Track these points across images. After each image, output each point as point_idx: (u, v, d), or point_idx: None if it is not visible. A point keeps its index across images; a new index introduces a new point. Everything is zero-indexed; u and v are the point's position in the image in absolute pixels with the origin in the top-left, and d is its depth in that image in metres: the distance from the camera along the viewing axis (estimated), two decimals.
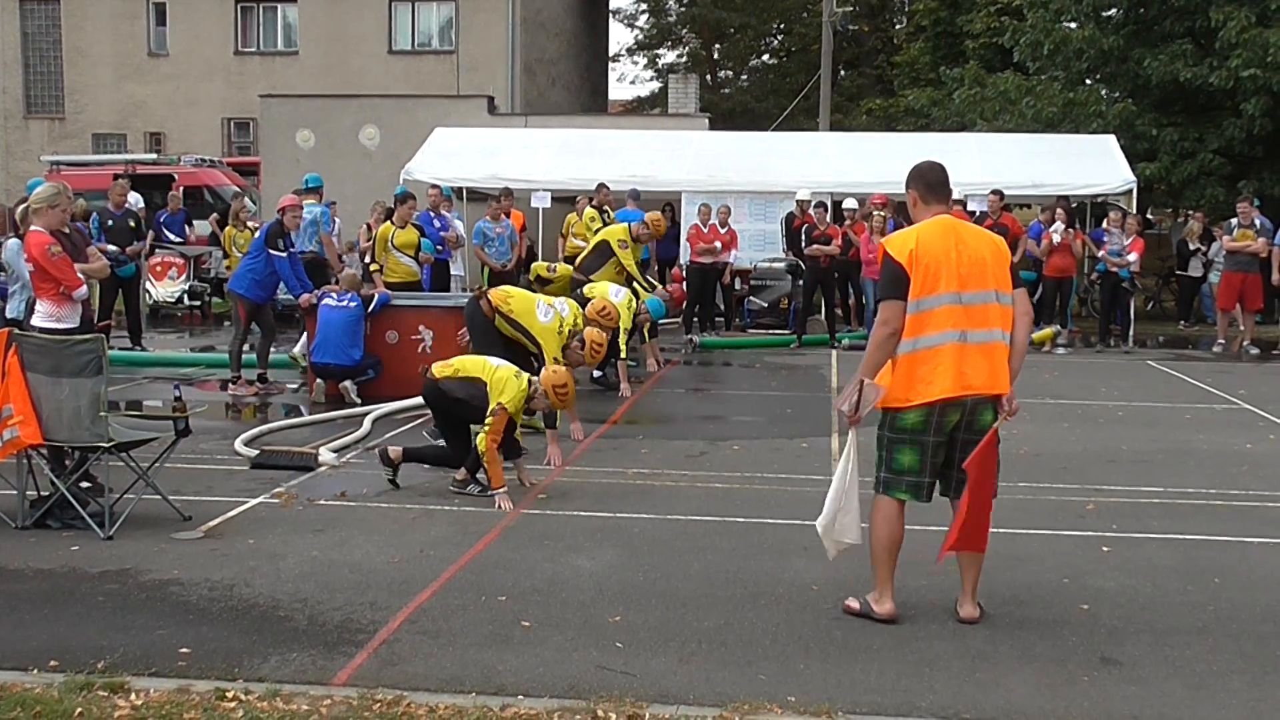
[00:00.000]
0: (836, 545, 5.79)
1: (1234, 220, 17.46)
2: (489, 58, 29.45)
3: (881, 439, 5.59)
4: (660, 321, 14.46)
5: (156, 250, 18.99)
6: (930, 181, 5.68)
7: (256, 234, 13.20)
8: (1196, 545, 6.95)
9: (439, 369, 8.12)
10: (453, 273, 16.51)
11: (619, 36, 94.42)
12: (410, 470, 8.33)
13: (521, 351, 9.57)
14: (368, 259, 14.29)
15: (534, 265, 14.61)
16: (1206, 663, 5.13)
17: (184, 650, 5.09)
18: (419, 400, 11.06)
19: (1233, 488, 8.41)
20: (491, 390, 7.78)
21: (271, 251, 11.96)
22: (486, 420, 7.64)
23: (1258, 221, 17.27)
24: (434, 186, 16.87)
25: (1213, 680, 4.96)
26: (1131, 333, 17.46)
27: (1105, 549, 6.82)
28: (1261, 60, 20.35)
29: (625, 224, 14.31)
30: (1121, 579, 6.26)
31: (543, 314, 9.73)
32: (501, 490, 7.63)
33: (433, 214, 16.08)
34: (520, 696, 4.69)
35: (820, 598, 5.90)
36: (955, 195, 17.58)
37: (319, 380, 11.61)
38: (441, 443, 8.38)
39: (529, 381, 7.96)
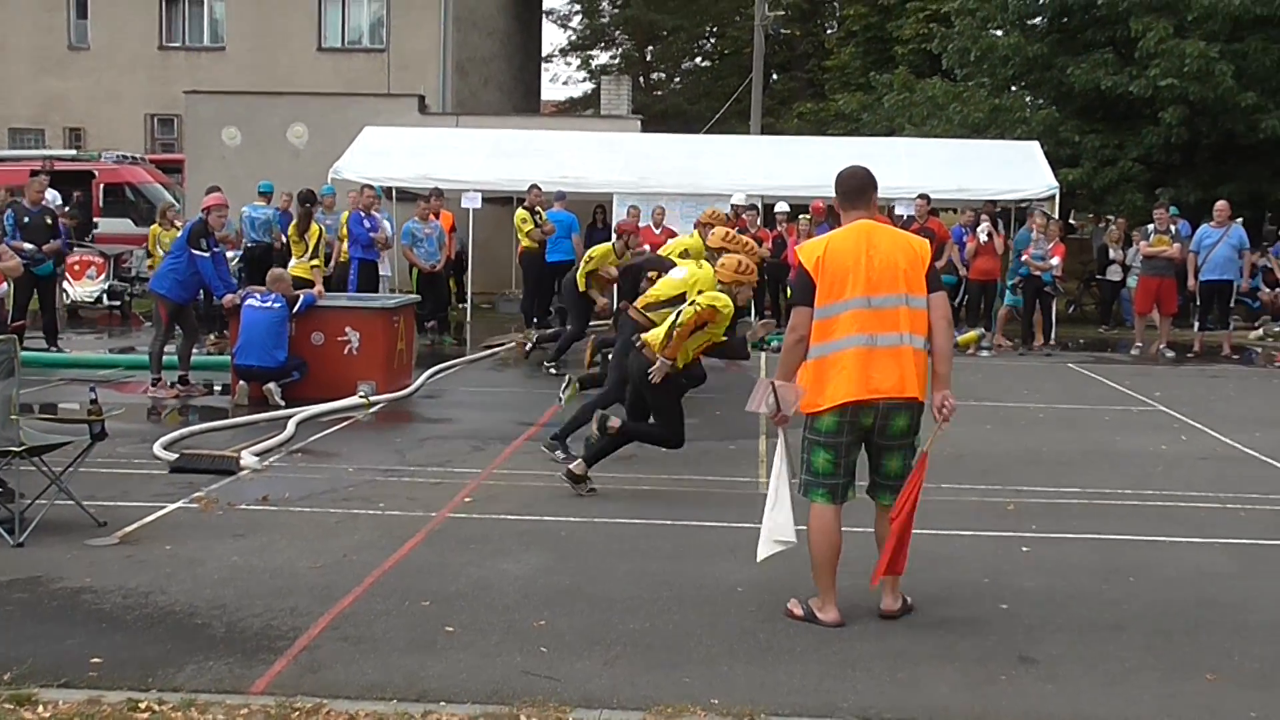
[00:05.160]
0: (776, 546, 5.82)
1: (1151, 226, 17.77)
2: (420, 56, 29.24)
3: (803, 442, 5.68)
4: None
5: (75, 249, 18.67)
6: (847, 189, 5.75)
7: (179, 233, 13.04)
8: (1113, 544, 7.06)
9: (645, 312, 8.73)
10: (381, 273, 16.40)
11: (552, 37, 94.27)
12: (335, 473, 8.25)
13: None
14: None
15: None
16: (1120, 659, 5.21)
17: (96, 660, 4.98)
18: (346, 402, 11.04)
19: (1148, 488, 8.56)
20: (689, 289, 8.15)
21: (194, 251, 11.76)
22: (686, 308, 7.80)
23: (1173, 227, 17.61)
24: (367, 186, 16.76)
25: (1126, 676, 5.04)
26: (1053, 335, 17.73)
27: (1025, 549, 6.92)
28: (1179, 70, 20.76)
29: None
30: (1040, 578, 6.35)
31: (676, 273, 9.46)
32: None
33: (362, 214, 15.98)
34: (443, 703, 4.64)
35: (746, 599, 5.92)
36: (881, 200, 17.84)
37: (242, 382, 11.42)
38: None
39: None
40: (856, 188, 5.72)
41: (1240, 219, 18.05)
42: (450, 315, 18.66)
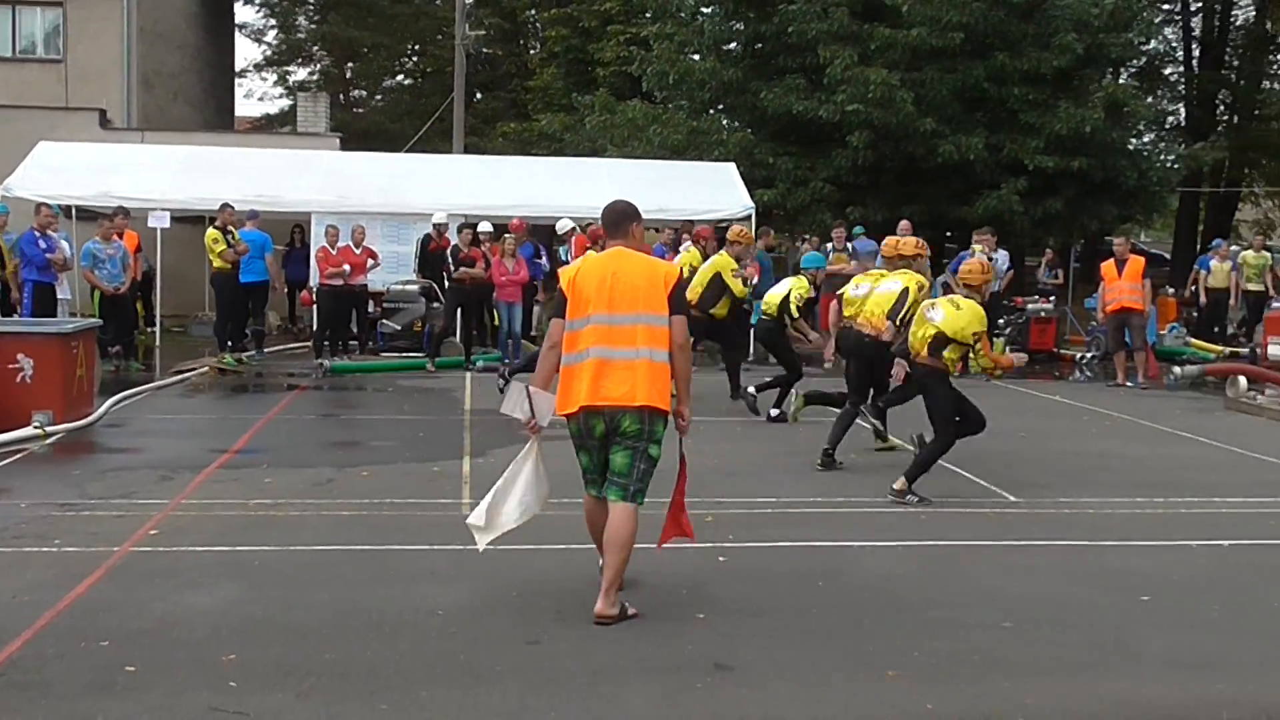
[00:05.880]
0: (494, 533, 6.10)
1: (830, 245, 18.64)
2: (102, 68, 27.68)
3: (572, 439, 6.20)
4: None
5: None
6: (607, 221, 6.39)
7: None
8: (806, 550, 7.34)
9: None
10: (59, 296, 15.40)
11: (247, 52, 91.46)
12: (4, 510, 7.70)
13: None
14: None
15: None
16: (811, 662, 5.41)
17: None
18: (19, 433, 10.33)
19: (840, 495, 8.95)
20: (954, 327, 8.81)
21: None
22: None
23: (849, 246, 18.54)
24: (44, 204, 15.72)
25: (814, 677, 5.23)
26: (752, 350, 18.33)
27: (722, 558, 7.10)
28: (863, 96, 21.90)
29: (727, 254, 13.44)
30: (736, 586, 6.53)
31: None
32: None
33: (38, 234, 14.99)
34: None
35: (447, 622, 5.84)
36: (580, 220, 18.05)
37: None
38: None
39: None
40: (614, 220, 6.33)
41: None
42: (138, 339, 17.77)
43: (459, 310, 17.19)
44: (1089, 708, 4.93)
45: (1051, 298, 21.91)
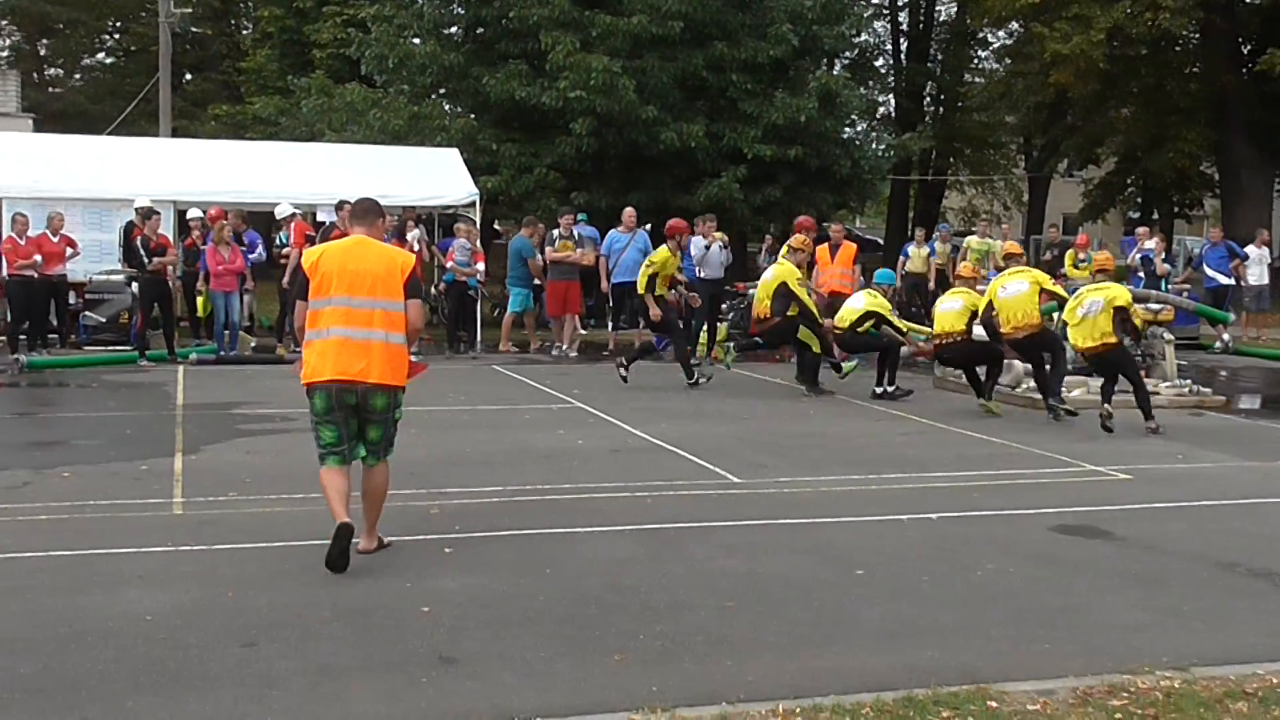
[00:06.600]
0: None
1: (556, 231, 18.66)
2: None
3: (311, 422, 6.75)
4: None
5: None
6: (353, 211, 7.10)
7: None
8: (532, 539, 7.30)
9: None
10: None
11: None
12: None
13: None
14: None
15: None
16: (536, 650, 5.37)
17: None
18: None
19: (565, 482, 8.95)
20: None
21: None
22: None
23: (577, 232, 18.64)
24: None
25: (541, 665, 5.20)
26: (479, 339, 18.24)
27: (448, 550, 6.98)
28: (586, 83, 22.01)
29: (789, 262, 14.23)
30: (462, 577, 6.43)
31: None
32: None
33: None
34: None
35: (155, 627, 5.54)
36: (295, 207, 17.59)
37: None
38: None
39: None
40: (360, 213, 6.98)
41: (648, 225, 19.39)
42: None
43: (156, 302, 16.25)
44: (807, 681, 5.06)
45: None
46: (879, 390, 13.84)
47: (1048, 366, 12.39)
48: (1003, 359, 13.06)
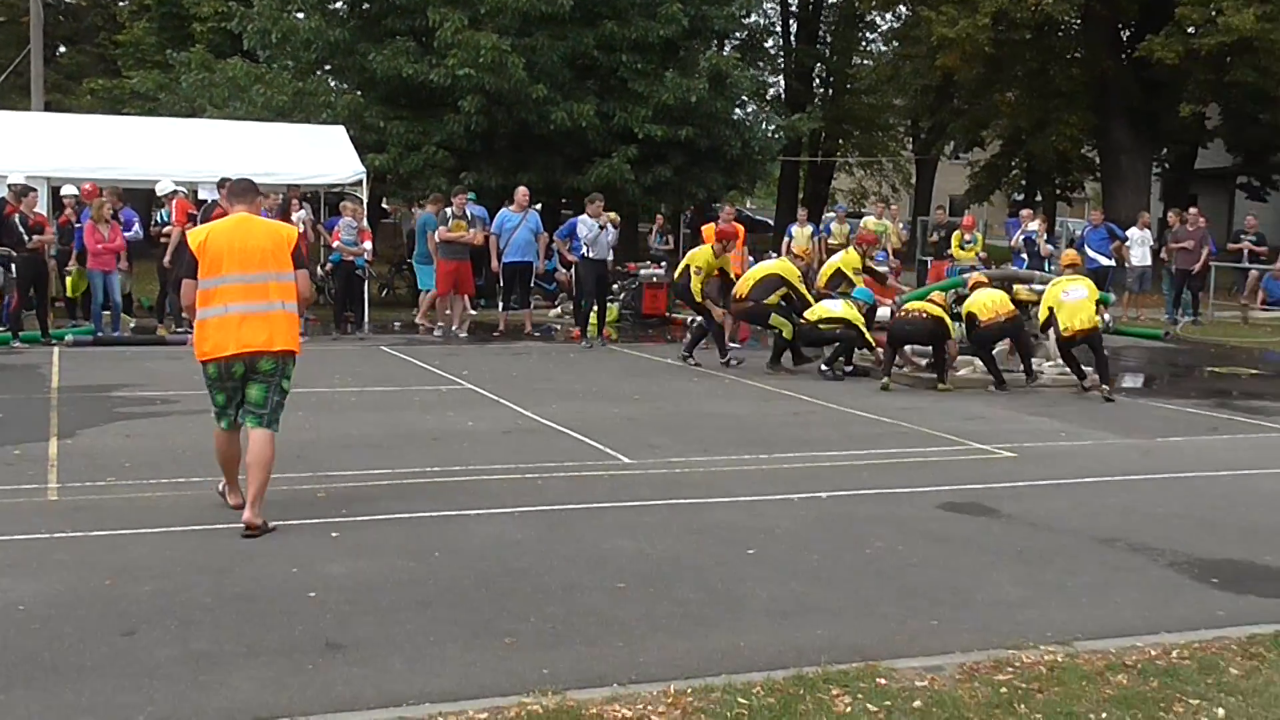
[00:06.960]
0: None
1: (449, 211, 18.42)
2: None
3: (206, 382, 7.10)
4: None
5: None
6: (232, 190, 7.42)
7: None
8: (421, 523, 7.21)
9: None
10: None
11: None
12: None
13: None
14: None
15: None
16: (425, 634, 5.30)
17: None
18: None
19: (455, 464, 8.85)
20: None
21: None
22: None
23: (469, 211, 18.41)
24: None
25: (430, 650, 5.13)
26: (367, 320, 17.98)
27: (335, 534, 6.86)
28: (475, 61, 21.75)
29: (855, 252, 15.68)
30: (350, 562, 6.32)
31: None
32: None
33: None
34: None
35: (29, 617, 5.36)
36: (177, 184, 17.14)
37: None
38: None
39: None
40: (239, 191, 7.32)
41: (539, 205, 19.25)
42: None
43: (33, 283, 15.72)
44: (698, 661, 5.06)
45: (663, 264, 22.66)
46: (824, 368, 14.23)
47: (1095, 356, 13.36)
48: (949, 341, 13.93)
